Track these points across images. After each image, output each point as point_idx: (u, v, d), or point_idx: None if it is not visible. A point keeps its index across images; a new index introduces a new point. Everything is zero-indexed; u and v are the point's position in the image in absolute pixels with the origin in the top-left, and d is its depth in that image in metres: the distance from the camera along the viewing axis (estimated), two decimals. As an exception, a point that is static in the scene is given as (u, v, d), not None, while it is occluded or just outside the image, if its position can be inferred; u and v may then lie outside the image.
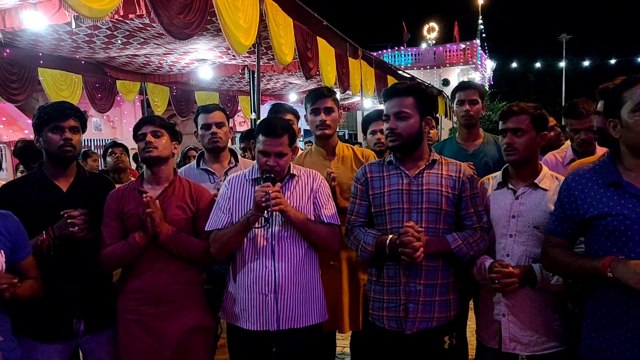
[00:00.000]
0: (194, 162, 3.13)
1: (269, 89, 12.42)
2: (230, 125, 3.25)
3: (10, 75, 7.36)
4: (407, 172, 2.35)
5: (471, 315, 3.22)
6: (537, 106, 2.36)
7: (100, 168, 6.48)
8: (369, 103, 12.75)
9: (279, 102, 10.07)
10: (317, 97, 2.88)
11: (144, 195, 2.37)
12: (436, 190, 2.31)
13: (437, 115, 19.07)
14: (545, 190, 2.31)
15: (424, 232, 2.23)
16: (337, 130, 3.07)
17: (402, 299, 2.30)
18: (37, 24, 5.62)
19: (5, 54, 7.19)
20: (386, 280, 2.35)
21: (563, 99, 28.16)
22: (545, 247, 2.07)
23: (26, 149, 4.02)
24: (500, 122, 2.39)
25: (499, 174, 2.47)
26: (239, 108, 13.15)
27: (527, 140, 2.29)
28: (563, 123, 3.04)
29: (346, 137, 22.12)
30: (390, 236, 2.25)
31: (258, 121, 6.22)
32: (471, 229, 2.33)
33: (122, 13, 5.25)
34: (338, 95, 3.17)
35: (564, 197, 1.97)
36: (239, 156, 3.19)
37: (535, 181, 2.33)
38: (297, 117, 3.76)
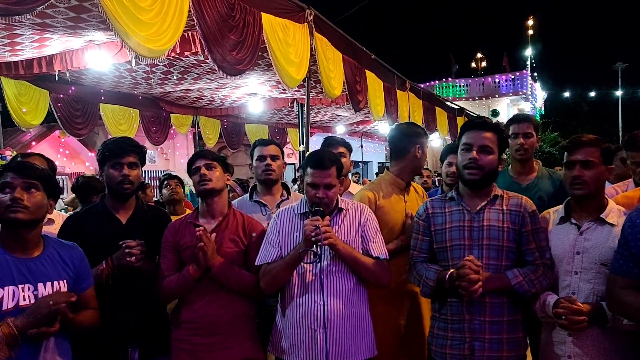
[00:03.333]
0: (247, 195, 3.20)
1: (317, 121, 12.60)
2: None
3: (75, 111, 7.84)
4: (468, 208, 2.32)
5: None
6: (603, 138, 2.28)
7: (155, 199, 6.70)
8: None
9: (331, 135, 10.18)
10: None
11: (197, 229, 2.42)
12: (497, 227, 2.27)
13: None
14: (613, 225, 2.18)
15: (485, 268, 2.19)
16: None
17: (467, 337, 2.24)
18: (100, 63, 5.98)
19: (70, 91, 7.66)
20: (450, 317, 2.30)
21: (620, 129, 27.11)
22: (610, 288, 1.96)
23: (84, 185, 4.16)
24: (566, 154, 2.28)
25: (560, 208, 2.38)
26: (287, 140, 13.39)
27: (596, 173, 2.19)
28: (624, 155, 2.91)
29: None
30: (451, 270, 2.22)
31: (307, 153, 6.31)
32: (533, 265, 2.26)
33: (178, 51, 5.52)
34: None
35: (628, 234, 1.88)
36: (291, 190, 3.23)
37: (602, 216, 2.22)
38: (350, 150, 3.78)
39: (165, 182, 4.52)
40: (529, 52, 30.89)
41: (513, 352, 2.24)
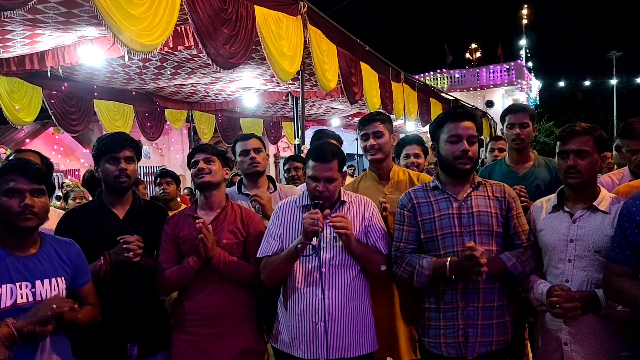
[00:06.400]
0: (235, 187, 3.21)
1: (312, 114, 12.56)
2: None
3: (69, 108, 7.79)
4: (454, 195, 2.34)
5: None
6: (596, 126, 2.28)
7: (151, 195, 6.67)
8: (412, 126, 12.69)
9: (321, 127, 10.15)
10: (366, 122, 2.86)
11: (197, 221, 2.43)
12: (486, 212, 2.30)
13: (482, 137, 18.78)
14: (605, 213, 2.19)
15: None
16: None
17: (461, 324, 2.26)
18: (93, 58, 5.95)
19: (63, 88, 7.61)
20: (442, 306, 2.31)
21: (615, 118, 27.19)
22: (606, 276, 1.96)
23: (94, 179, 4.22)
24: (559, 144, 2.29)
25: (553, 196, 2.39)
26: (282, 134, 13.36)
27: (590, 162, 2.20)
28: (619, 143, 2.91)
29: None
30: (449, 258, 2.22)
31: (302, 146, 6.30)
32: (522, 248, 2.32)
33: (171, 45, 5.48)
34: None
35: (624, 222, 1.88)
36: (277, 183, 3.25)
37: (594, 203, 2.22)
38: (340, 143, 3.77)
39: (158, 181, 4.51)
40: (523, 41, 30.91)
41: (502, 335, 2.28)
